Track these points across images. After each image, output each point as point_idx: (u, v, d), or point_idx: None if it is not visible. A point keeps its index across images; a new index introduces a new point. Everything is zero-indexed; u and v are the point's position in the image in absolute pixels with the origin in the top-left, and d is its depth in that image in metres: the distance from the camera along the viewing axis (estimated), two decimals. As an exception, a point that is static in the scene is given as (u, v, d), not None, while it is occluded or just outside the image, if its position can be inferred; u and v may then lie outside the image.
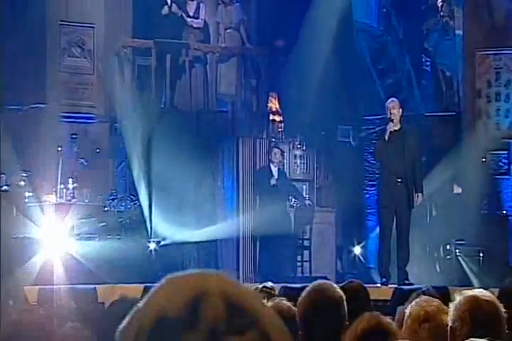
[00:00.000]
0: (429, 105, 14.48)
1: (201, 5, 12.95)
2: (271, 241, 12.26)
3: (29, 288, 8.21)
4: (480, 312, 2.74)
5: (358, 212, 13.00)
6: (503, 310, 2.82)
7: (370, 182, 12.80)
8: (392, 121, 9.75)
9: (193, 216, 12.56)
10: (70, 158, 11.98)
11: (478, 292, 2.82)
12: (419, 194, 9.72)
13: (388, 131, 9.69)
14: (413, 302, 3.47)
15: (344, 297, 3.03)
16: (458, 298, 2.74)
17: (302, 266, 12.57)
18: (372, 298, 8.11)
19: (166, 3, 12.71)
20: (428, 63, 15.18)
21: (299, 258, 12.58)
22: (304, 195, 13.02)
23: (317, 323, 2.81)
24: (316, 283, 3.21)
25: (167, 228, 11.85)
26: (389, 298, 8.41)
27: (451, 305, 2.78)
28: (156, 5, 12.75)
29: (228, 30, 13.06)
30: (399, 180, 9.63)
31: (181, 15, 12.80)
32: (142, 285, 7.67)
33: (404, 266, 9.72)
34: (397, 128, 9.76)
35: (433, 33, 14.98)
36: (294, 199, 12.71)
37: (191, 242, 12.42)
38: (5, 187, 9.44)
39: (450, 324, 2.74)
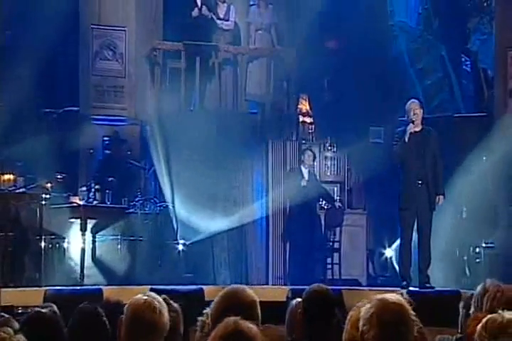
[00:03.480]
0: (470, 105, 14.30)
1: (232, 7, 12.97)
2: (301, 243, 12.20)
3: (35, 289, 8.31)
4: (387, 314, 2.69)
5: (390, 214, 12.84)
6: (411, 312, 2.77)
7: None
8: (413, 122, 9.63)
9: (223, 219, 12.57)
10: (100, 160, 12.10)
11: (387, 295, 2.77)
12: (441, 196, 9.59)
13: (408, 133, 9.57)
14: (355, 307, 3.41)
15: (258, 301, 2.99)
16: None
17: (332, 268, 12.46)
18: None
19: (197, 6, 12.74)
20: (468, 63, 14.98)
21: (328, 260, 12.48)
22: (335, 196, 12.92)
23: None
24: (229, 287, 3.17)
25: (195, 231, 11.88)
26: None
27: (362, 309, 2.74)
28: (187, 7, 12.80)
29: (259, 32, 13.04)
30: (419, 181, 9.51)
31: (211, 17, 12.83)
32: (148, 287, 7.69)
33: (426, 269, 9.58)
34: (418, 130, 9.64)
35: (476, 32, 14.79)
36: (324, 201, 12.64)
37: (220, 245, 12.45)
38: (22, 189, 9.55)
39: (360, 328, 2.70)
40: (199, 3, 12.76)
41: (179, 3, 12.90)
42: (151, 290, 7.46)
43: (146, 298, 3.26)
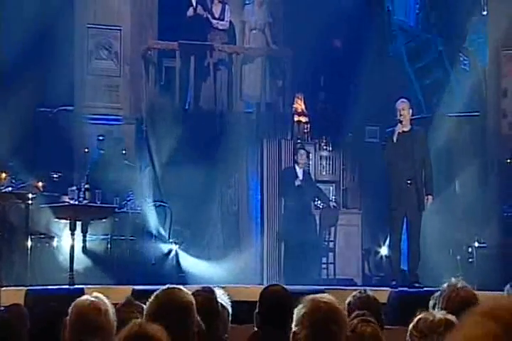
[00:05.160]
0: (468, 105, 14.23)
1: (226, 7, 12.95)
2: (295, 243, 12.18)
3: (17, 288, 8.30)
4: (318, 314, 2.67)
5: (385, 213, 12.79)
6: (344, 312, 2.75)
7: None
8: (401, 122, 9.60)
9: (219, 217, 12.58)
10: (94, 159, 12.10)
11: (318, 295, 2.75)
12: (430, 196, 9.55)
13: (396, 133, 9.54)
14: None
15: (194, 302, 2.96)
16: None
17: (327, 268, 12.45)
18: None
19: (192, 5, 12.74)
20: (466, 62, 14.91)
21: (324, 260, 12.47)
22: (331, 196, 12.90)
23: (164, 330, 2.74)
24: (165, 287, 3.15)
25: (187, 230, 11.87)
26: (385, 301, 8.26)
27: (294, 310, 2.72)
28: (182, 7, 12.80)
29: (253, 31, 13.02)
30: (408, 181, 9.48)
31: (207, 16, 12.82)
32: (131, 287, 7.69)
33: (415, 269, 9.56)
34: (406, 130, 9.61)
35: (474, 31, 14.72)
36: (319, 201, 12.61)
37: (216, 245, 12.45)
38: (9, 189, 9.56)
39: (293, 328, 2.68)
40: (194, 3, 12.76)
41: (174, 3, 12.90)
42: (134, 290, 7.47)
43: (91, 299, 3.25)
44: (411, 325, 2.84)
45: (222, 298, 4.68)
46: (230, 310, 4.83)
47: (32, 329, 4.29)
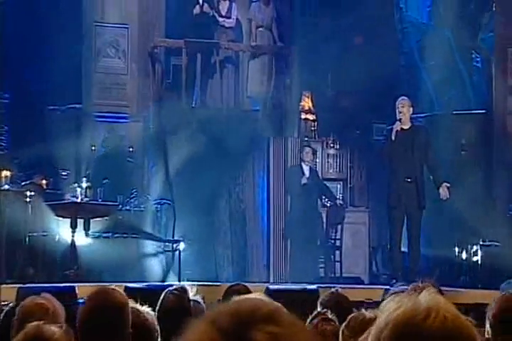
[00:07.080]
0: (480, 102, 14.13)
1: (233, 4, 12.94)
2: (302, 241, 12.16)
3: (10, 286, 8.32)
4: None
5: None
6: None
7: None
8: (399, 120, 9.54)
9: (227, 215, 12.58)
10: (98, 157, 12.14)
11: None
12: (445, 183, 9.44)
13: (394, 131, 9.48)
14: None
15: (128, 303, 2.94)
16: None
17: (334, 266, 12.41)
18: (362, 299, 8.06)
19: (198, 3, 12.73)
20: (478, 59, 14.81)
21: (330, 258, 12.42)
22: (338, 194, 12.86)
23: (97, 331, 2.74)
24: (100, 287, 3.12)
25: (194, 229, 11.88)
26: (379, 299, 8.23)
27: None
28: (188, 5, 12.80)
29: (260, 29, 12.99)
30: (408, 179, 9.42)
31: (213, 14, 12.81)
32: (123, 285, 7.69)
33: (415, 268, 9.51)
34: (406, 127, 9.54)
35: (487, 27, 14.61)
36: (326, 199, 12.58)
37: (223, 243, 12.46)
38: (6, 186, 9.60)
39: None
40: (201, 1, 12.75)
41: (181, 1, 12.91)
42: (126, 288, 7.47)
43: (38, 299, 3.24)
44: (343, 324, 2.83)
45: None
46: (204, 308, 4.85)
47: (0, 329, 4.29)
